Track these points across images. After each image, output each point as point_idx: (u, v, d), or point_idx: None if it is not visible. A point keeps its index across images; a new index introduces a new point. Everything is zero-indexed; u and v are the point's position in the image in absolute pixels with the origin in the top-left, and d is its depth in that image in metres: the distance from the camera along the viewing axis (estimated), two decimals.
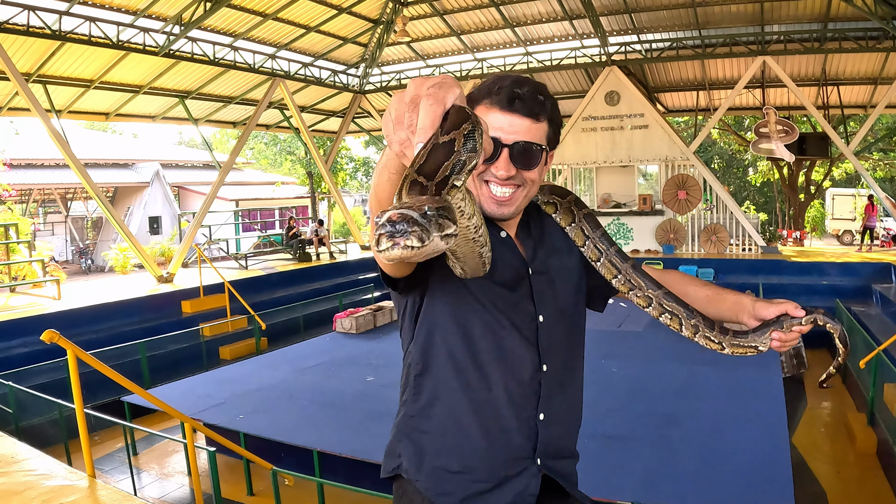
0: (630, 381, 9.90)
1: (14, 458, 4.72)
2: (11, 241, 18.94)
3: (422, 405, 2.13)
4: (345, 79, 25.26)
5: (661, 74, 23.93)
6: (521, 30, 22.70)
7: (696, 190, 20.62)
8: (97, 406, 9.39)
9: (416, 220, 0.98)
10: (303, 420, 8.91)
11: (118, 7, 16.63)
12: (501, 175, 1.98)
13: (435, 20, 22.77)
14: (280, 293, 18.46)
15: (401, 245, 0.96)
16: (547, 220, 2.29)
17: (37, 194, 33.44)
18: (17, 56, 15.66)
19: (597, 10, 20.18)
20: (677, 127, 28.34)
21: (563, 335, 2.17)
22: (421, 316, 2.13)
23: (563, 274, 2.22)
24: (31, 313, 13.67)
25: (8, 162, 25.11)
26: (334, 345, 13.42)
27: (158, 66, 18.84)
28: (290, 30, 20.81)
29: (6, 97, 17.56)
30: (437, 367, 2.10)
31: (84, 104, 19.63)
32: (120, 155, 35.40)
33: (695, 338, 2.16)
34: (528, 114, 1.99)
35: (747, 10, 19.41)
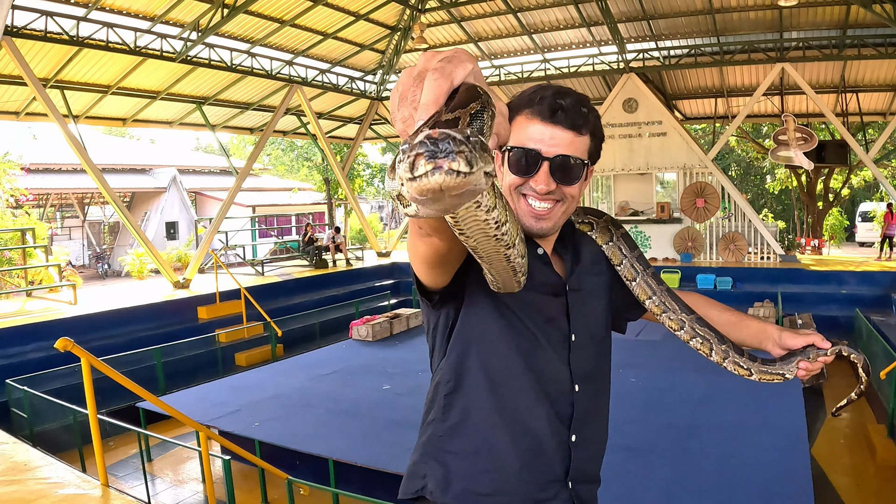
0: (649, 391, 9.82)
1: (27, 465, 4.70)
2: (28, 246, 19.01)
3: (451, 425, 2.06)
4: (362, 85, 25.26)
5: (679, 81, 23.85)
6: (539, 37, 22.65)
7: (715, 198, 20.51)
8: (112, 412, 9.38)
9: (462, 140, 0.85)
10: (318, 428, 8.88)
11: (136, 13, 16.67)
12: (541, 189, 1.93)
13: (452, 27, 22.77)
14: (296, 300, 18.46)
15: (444, 169, 0.82)
16: (580, 237, 2.25)
17: (54, 199, 33.62)
18: (34, 61, 15.73)
19: (615, 17, 20.10)
20: (695, 134, 28.25)
21: (593, 355, 2.13)
22: (455, 332, 2.07)
23: (595, 293, 2.19)
24: (47, 318, 13.69)
25: (26, 166, 25.25)
26: (350, 352, 13.39)
27: (176, 72, 18.89)
28: (307, 36, 20.82)
29: (24, 102, 17.61)
30: (470, 386, 2.04)
31: (101, 110, 19.69)
32: (137, 160, 35.62)
33: (724, 363, 2.16)
34: (571, 126, 1.94)
35: (766, 16, 19.31)
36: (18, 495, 4.16)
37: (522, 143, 1.95)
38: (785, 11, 18.47)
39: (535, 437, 2.00)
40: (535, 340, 2.02)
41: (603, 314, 2.21)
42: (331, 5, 19.44)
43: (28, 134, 34.11)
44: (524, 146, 1.94)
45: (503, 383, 2.01)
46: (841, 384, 11.88)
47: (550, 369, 2.03)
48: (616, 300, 2.29)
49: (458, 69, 1.10)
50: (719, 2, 19.04)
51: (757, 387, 9.54)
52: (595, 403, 2.14)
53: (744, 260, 20.42)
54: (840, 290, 17.27)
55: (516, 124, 1.99)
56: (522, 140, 1.96)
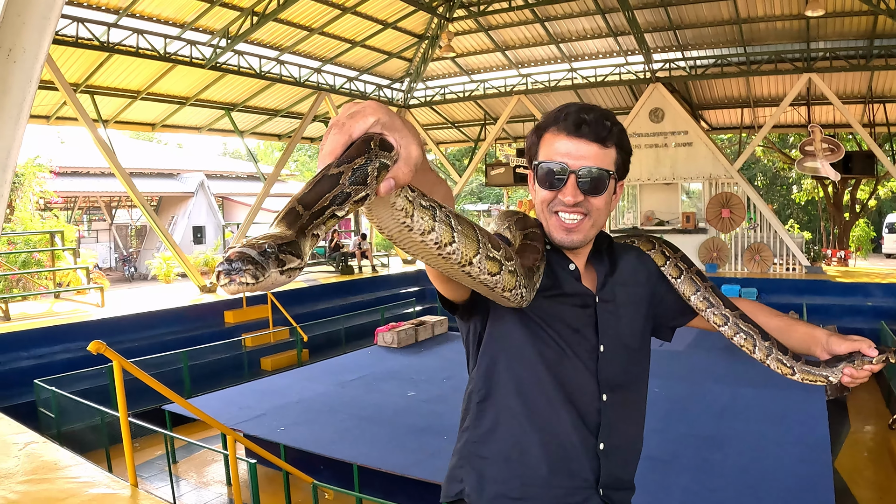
0: (672, 401, 9.80)
1: (57, 464, 4.75)
2: (57, 248, 19.17)
3: (483, 431, 2.13)
4: (389, 93, 25.32)
5: (706, 91, 23.73)
6: (566, 46, 22.62)
7: (740, 208, 20.40)
8: (138, 413, 9.47)
9: (252, 259, 1.02)
10: (343, 433, 8.93)
11: (166, 20, 16.82)
12: (568, 201, 1.99)
13: (480, 36, 22.79)
14: (322, 305, 18.49)
15: (236, 282, 1.00)
16: (621, 250, 2.32)
17: (82, 202, 33.91)
18: (65, 67, 15.91)
19: (641, 27, 20.06)
20: (721, 144, 28.10)
21: (624, 366, 2.16)
22: (483, 342, 2.13)
23: (630, 304, 2.22)
24: (74, 320, 13.82)
25: (55, 169, 25.47)
26: (375, 359, 13.44)
27: (205, 79, 19.03)
28: (335, 44, 20.91)
29: (55, 107, 17.80)
30: (500, 394, 2.10)
31: (130, 114, 19.84)
32: (165, 165, 35.83)
33: (767, 360, 2.16)
34: (595, 138, 2.00)
35: (793, 26, 19.21)
36: (49, 494, 4.21)
37: (550, 158, 2.03)
38: (812, 21, 18.37)
39: (562, 443, 2.04)
40: (560, 351, 2.06)
41: (639, 324, 2.24)
42: (359, 14, 19.52)
43: (56, 138, 34.36)
44: (551, 160, 2.02)
45: (531, 392, 2.06)
46: (864, 397, 11.84)
47: (576, 379, 2.07)
48: (660, 309, 2.34)
49: (358, 123, 1.22)
50: (746, 12, 18.96)
51: (780, 399, 9.54)
52: (626, 412, 2.17)
53: (769, 271, 20.27)
54: (866, 303, 17.14)
55: (544, 142, 2.07)
56: (550, 155, 2.04)
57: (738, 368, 10.70)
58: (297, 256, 1.10)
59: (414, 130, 1.31)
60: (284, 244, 1.08)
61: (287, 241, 1.09)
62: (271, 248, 1.05)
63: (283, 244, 1.08)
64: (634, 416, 2.24)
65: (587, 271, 2.20)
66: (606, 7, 19.83)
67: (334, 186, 1.18)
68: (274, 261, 1.04)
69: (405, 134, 1.26)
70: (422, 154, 1.29)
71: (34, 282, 18.87)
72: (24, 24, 2.33)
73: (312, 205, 1.18)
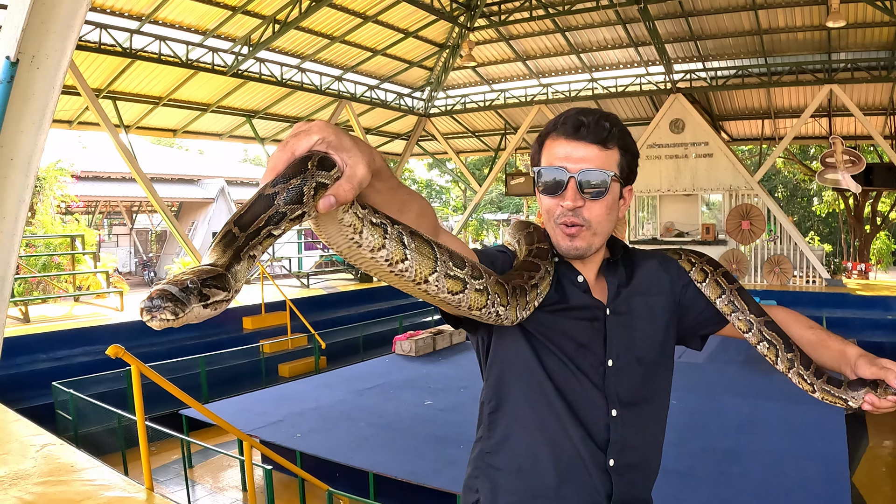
0: (690, 414, 9.74)
1: (73, 466, 4.77)
2: (77, 252, 19.28)
3: (496, 441, 2.10)
4: (410, 102, 25.37)
5: (726, 102, 23.65)
6: (587, 56, 22.65)
7: (760, 220, 20.32)
8: (155, 418, 9.49)
9: (172, 296, 1.04)
10: (360, 441, 8.93)
11: (188, 27, 16.94)
12: (568, 206, 1.93)
13: (501, 45, 22.84)
14: (340, 313, 18.51)
15: (157, 318, 1.03)
16: (639, 259, 2.24)
17: (103, 206, 34.09)
18: (88, 72, 16.01)
19: (662, 38, 20.05)
20: (741, 156, 27.99)
21: (637, 380, 2.08)
22: (490, 355, 2.11)
23: (645, 315, 2.13)
24: (93, 323, 13.88)
25: (76, 174, 25.63)
26: (393, 367, 13.45)
27: (226, 86, 19.13)
28: (357, 53, 20.99)
29: (77, 112, 17.91)
30: (510, 405, 2.07)
31: (152, 120, 19.95)
32: (186, 170, 35.97)
33: (788, 373, 2.07)
34: (595, 140, 1.94)
35: (814, 37, 19.16)
36: (65, 496, 4.23)
37: (549, 164, 1.98)
38: (833, 32, 18.30)
39: (571, 458, 2.00)
40: (564, 366, 2.01)
41: (659, 335, 2.15)
42: (380, 23, 19.61)
43: (78, 142, 34.56)
44: (550, 165, 1.97)
45: (539, 405, 2.02)
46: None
47: (582, 394, 2.01)
48: (687, 317, 2.24)
49: (301, 141, 1.24)
50: (767, 22, 18.94)
51: (799, 413, 9.48)
52: (640, 429, 2.09)
53: (789, 283, 20.18)
54: (886, 316, 17.02)
55: (545, 149, 2.03)
56: (550, 160, 1.99)
57: (757, 381, 10.66)
58: (223, 289, 1.12)
59: (367, 151, 1.32)
60: (209, 278, 1.10)
61: (212, 275, 1.11)
62: (193, 284, 1.07)
63: (208, 278, 1.10)
64: (650, 433, 2.15)
65: (599, 283, 2.13)
66: (627, 17, 19.85)
67: (269, 206, 1.20)
68: (196, 296, 1.07)
69: (354, 153, 1.27)
70: (367, 174, 1.29)
71: (54, 285, 18.99)
72: (47, 31, 2.35)
73: (248, 226, 1.19)
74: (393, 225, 1.40)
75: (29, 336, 12.53)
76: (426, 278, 1.46)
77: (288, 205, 1.20)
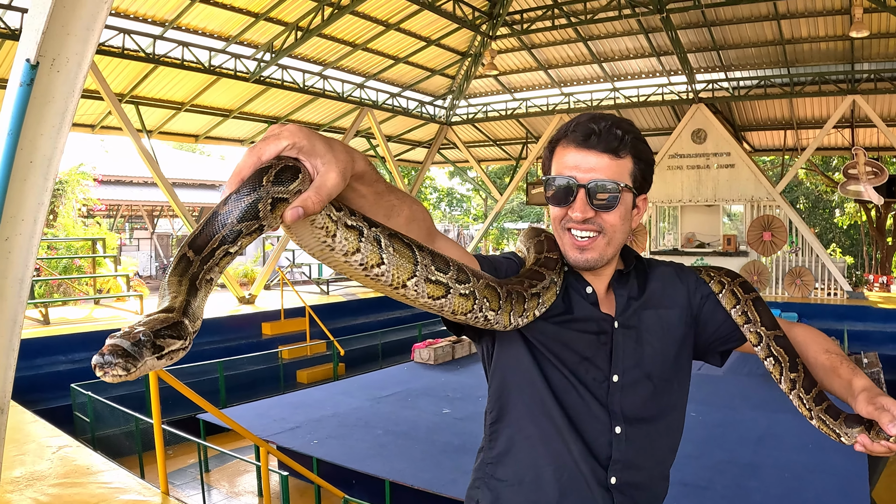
0: (709, 427, 9.67)
1: (90, 469, 4.78)
2: (98, 255, 19.38)
3: (497, 452, 2.05)
4: (431, 110, 25.39)
5: (749, 113, 23.53)
6: (609, 65, 22.60)
7: (782, 231, 20.20)
8: (172, 421, 9.53)
9: (124, 352, 1.03)
10: (376, 449, 8.92)
11: (211, 33, 17.02)
12: (577, 217, 1.87)
13: (523, 54, 22.83)
14: (360, 320, 18.54)
15: (109, 374, 1.02)
16: (653, 271, 2.16)
17: (124, 210, 34.25)
18: (111, 77, 16.12)
19: (684, 47, 20.01)
20: (763, 166, 27.85)
21: (646, 397, 2.00)
22: (493, 363, 2.06)
23: (657, 330, 2.05)
24: (113, 326, 13.89)
25: (98, 178, 25.78)
26: (411, 375, 13.44)
27: (249, 92, 19.22)
28: (379, 60, 21.03)
29: (100, 116, 18.04)
30: (512, 416, 2.02)
31: (174, 126, 20.10)
32: (207, 176, 36.09)
33: (790, 394, 1.98)
34: (606, 149, 1.86)
35: (837, 47, 19.05)
36: (81, 498, 4.24)
37: (559, 172, 1.91)
38: (856, 42, 18.20)
39: (572, 473, 1.94)
40: (565, 379, 1.95)
41: (672, 351, 2.06)
42: (403, 30, 19.65)
43: (100, 146, 34.77)
44: (560, 174, 1.90)
45: (540, 417, 1.96)
46: None
47: (584, 409, 1.95)
48: (705, 331, 2.13)
49: (270, 146, 1.20)
50: (790, 32, 18.85)
51: None
52: (647, 447, 2.00)
53: (810, 295, 20.02)
54: None
55: (556, 156, 1.95)
56: (559, 169, 1.92)
57: (776, 395, 10.46)
58: (178, 338, 1.11)
59: (343, 156, 1.27)
60: (163, 329, 1.09)
61: (167, 325, 1.10)
62: (146, 337, 1.06)
63: (162, 329, 1.09)
64: (659, 452, 2.07)
65: (609, 295, 2.06)
66: (650, 27, 19.80)
67: (223, 226, 1.18)
68: (149, 349, 1.06)
69: (327, 160, 1.23)
70: (339, 181, 1.24)
71: (74, 287, 19.09)
72: (68, 34, 2.36)
73: (202, 248, 1.18)
74: (370, 227, 1.37)
75: (48, 338, 12.62)
76: (404, 283, 1.44)
77: (243, 221, 1.18)
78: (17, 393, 3.00)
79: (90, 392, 10.39)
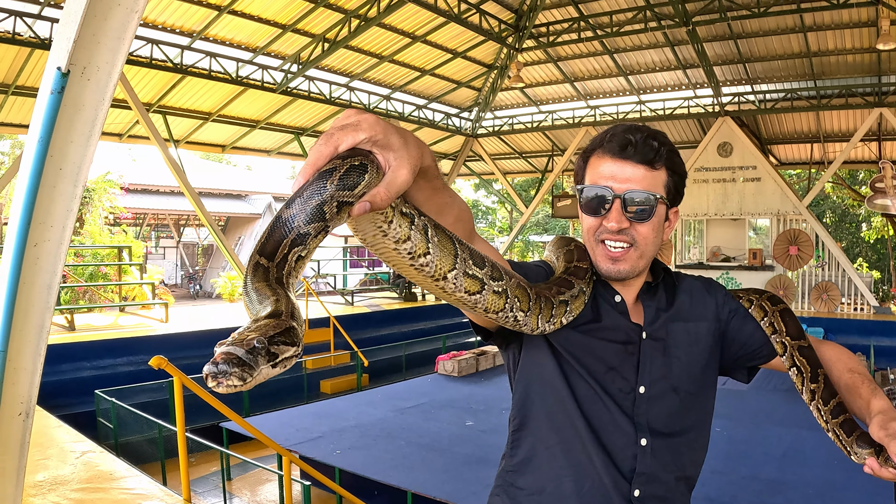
0: (734, 442, 9.59)
1: (112, 474, 4.81)
2: (124, 263, 19.52)
3: (519, 460, 2.04)
4: (457, 122, 25.45)
5: (775, 126, 23.40)
6: (635, 78, 22.60)
7: (808, 246, 20.04)
8: (196, 429, 9.56)
9: (239, 360, 0.99)
10: (399, 460, 8.90)
11: (238, 44, 17.16)
12: (612, 227, 1.86)
13: (549, 66, 22.86)
14: (384, 331, 18.56)
15: (223, 385, 0.98)
16: (684, 283, 2.15)
17: (151, 219, 34.45)
18: (139, 87, 16.27)
19: (710, 60, 19.97)
20: (790, 180, 27.69)
21: (673, 410, 1.98)
22: (518, 370, 2.06)
23: (685, 343, 2.03)
24: (138, 334, 14.04)
25: (125, 186, 25.98)
26: (435, 386, 13.43)
27: (275, 103, 19.34)
28: (405, 72, 21.13)
29: (128, 125, 18.21)
30: (534, 425, 2.01)
31: (201, 135, 20.25)
32: (233, 186, 36.25)
33: (810, 404, 1.98)
34: (642, 160, 1.87)
35: (864, 60, 18.94)
36: (102, 503, 4.26)
37: (594, 182, 1.91)
38: (883, 55, 18.06)
39: (595, 485, 1.92)
40: (590, 389, 1.94)
41: (700, 364, 2.04)
42: (429, 43, 19.73)
43: (128, 155, 35.04)
44: (595, 184, 1.90)
45: (563, 427, 1.95)
46: None
47: (608, 420, 1.93)
48: (733, 346, 2.11)
49: (348, 137, 1.15)
50: (816, 45, 18.78)
51: None
52: (673, 460, 1.97)
53: (836, 310, 19.86)
54: None
55: (590, 166, 1.96)
56: (594, 179, 1.92)
57: (802, 410, 10.30)
58: (292, 344, 1.07)
59: (415, 151, 1.25)
60: (277, 335, 1.05)
61: (279, 330, 1.06)
62: (260, 344, 1.02)
63: (275, 335, 1.05)
64: (684, 466, 2.02)
65: (637, 306, 2.04)
66: (675, 40, 19.80)
67: (290, 231, 1.15)
68: (264, 356, 1.02)
69: (400, 154, 1.20)
70: (409, 178, 1.22)
71: (100, 294, 19.22)
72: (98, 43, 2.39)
73: (274, 255, 1.16)
74: (420, 216, 1.36)
75: (74, 344, 12.72)
76: (445, 275, 1.42)
77: (309, 224, 1.15)
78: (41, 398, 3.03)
79: (114, 398, 10.45)
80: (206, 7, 15.38)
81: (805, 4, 17.11)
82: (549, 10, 20.70)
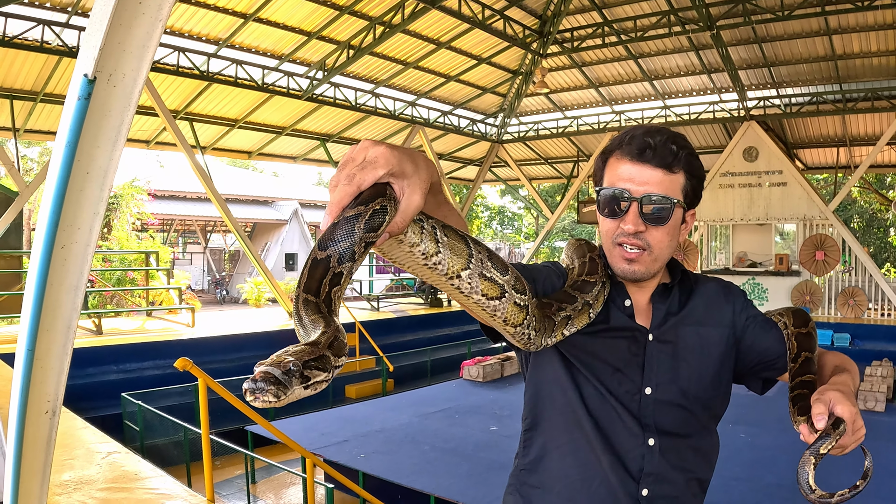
0: (758, 449, 9.54)
1: (137, 475, 4.86)
2: (152, 268, 19.68)
3: (531, 459, 2.07)
4: (483, 128, 25.44)
5: (801, 130, 23.23)
6: (660, 83, 22.50)
7: (835, 251, 19.88)
8: (221, 433, 9.64)
9: (275, 379, 1.08)
10: (423, 465, 8.94)
11: (264, 51, 17.25)
12: (629, 230, 1.86)
13: (573, 72, 22.82)
14: (409, 337, 18.63)
15: (259, 399, 1.06)
16: (702, 287, 2.13)
17: (178, 225, 34.73)
18: (166, 94, 16.39)
19: (735, 64, 19.87)
20: (816, 185, 27.48)
21: (679, 413, 1.97)
22: (529, 371, 2.09)
23: (695, 347, 2.01)
24: (165, 338, 14.17)
25: (153, 192, 26.18)
26: (460, 392, 13.47)
27: (301, 110, 19.44)
28: (430, 78, 21.15)
29: (155, 132, 18.36)
30: (545, 425, 2.04)
31: (228, 142, 20.39)
32: (260, 192, 36.47)
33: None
34: (660, 164, 1.86)
35: (890, 62, 18.73)
36: (127, 503, 4.32)
37: (612, 184, 1.91)
38: None
39: (602, 484, 1.94)
40: (597, 391, 1.96)
41: (711, 370, 2.01)
42: (454, 49, 19.74)
43: (155, 161, 35.33)
44: (613, 186, 1.90)
45: (571, 427, 1.98)
46: None
47: (616, 421, 1.95)
48: (748, 355, 2.07)
49: (368, 176, 1.21)
50: (841, 48, 18.62)
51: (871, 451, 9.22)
52: (681, 461, 1.97)
53: (863, 316, 19.66)
54: None
55: (608, 167, 1.95)
56: (612, 181, 1.92)
57: None
58: (324, 370, 1.15)
59: (426, 172, 1.29)
60: (312, 360, 1.14)
61: (315, 357, 1.15)
62: (296, 367, 1.11)
63: (311, 360, 1.14)
64: (694, 466, 2.01)
65: (648, 308, 2.04)
66: (700, 44, 19.72)
67: (327, 270, 1.24)
68: (298, 378, 1.11)
69: (412, 181, 1.26)
70: (422, 202, 1.28)
71: (127, 299, 19.40)
72: (123, 51, 2.44)
73: (318, 291, 1.25)
74: (428, 219, 1.40)
75: (101, 347, 12.84)
76: (458, 273, 1.45)
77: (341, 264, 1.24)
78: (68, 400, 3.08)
79: (140, 401, 10.55)
80: (232, 15, 15.48)
81: (830, 7, 17.01)
82: (573, 16, 20.64)
